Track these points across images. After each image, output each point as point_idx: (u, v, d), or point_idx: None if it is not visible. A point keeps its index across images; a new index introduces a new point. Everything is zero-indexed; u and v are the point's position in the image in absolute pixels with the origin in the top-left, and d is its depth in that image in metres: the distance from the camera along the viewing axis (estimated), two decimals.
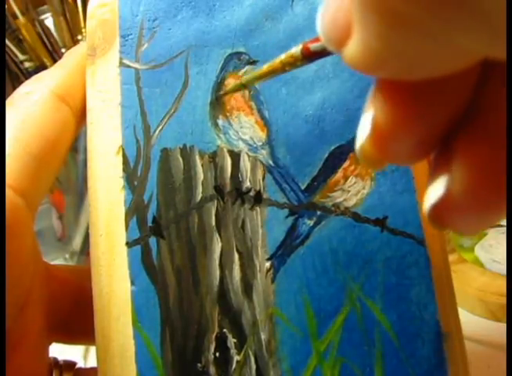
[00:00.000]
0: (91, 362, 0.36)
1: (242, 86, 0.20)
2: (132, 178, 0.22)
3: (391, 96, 0.13)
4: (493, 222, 0.14)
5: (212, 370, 0.20)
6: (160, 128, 0.22)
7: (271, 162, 0.22)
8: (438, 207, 0.14)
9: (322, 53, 0.14)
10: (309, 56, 0.15)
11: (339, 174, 0.22)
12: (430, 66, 0.11)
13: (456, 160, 0.13)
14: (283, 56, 0.16)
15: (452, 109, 0.13)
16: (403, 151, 0.14)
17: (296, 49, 0.15)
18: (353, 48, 0.12)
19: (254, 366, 0.20)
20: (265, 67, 0.17)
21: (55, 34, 0.52)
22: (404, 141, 0.14)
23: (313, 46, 0.15)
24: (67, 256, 0.51)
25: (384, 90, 0.13)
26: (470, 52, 0.11)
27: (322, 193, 0.22)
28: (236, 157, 0.22)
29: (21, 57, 0.51)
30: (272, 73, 0.17)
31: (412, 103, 0.13)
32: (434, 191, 0.14)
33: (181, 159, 0.22)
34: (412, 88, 0.13)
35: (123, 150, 0.22)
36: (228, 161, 0.22)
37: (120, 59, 0.23)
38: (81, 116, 0.23)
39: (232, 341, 0.21)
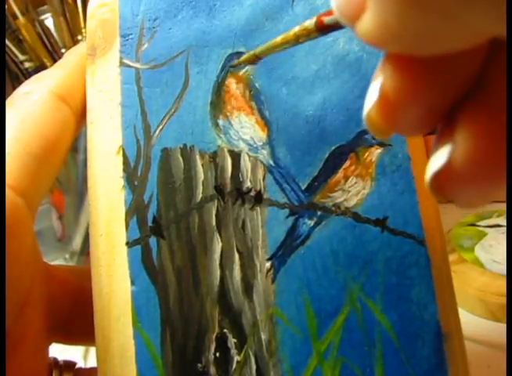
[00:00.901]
0: (91, 362, 0.36)
1: (255, 56, 0.20)
2: (132, 178, 0.22)
3: (400, 65, 0.13)
4: (493, 197, 0.14)
5: (212, 370, 0.20)
6: (161, 127, 0.22)
7: (271, 162, 0.22)
8: (440, 176, 0.14)
9: (335, 26, 0.14)
10: (323, 29, 0.15)
11: (339, 174, 0.22)
12: (442, 43, 0.12)
13: (460, 130, 0.13)
14: (296, 29, 0.16)
15: (459, 81, 0.13)
16: (408, 121, 0.14)
17: (310, 22, 0.15)
18: (367, 22, 0.12)
19: (254, 367, 0.20)
20: (278, 39, 0.17)
21: (55, 34, 0.52)
22: (410, 111, 0.14)
23: (327, 19, 0.15)
24: (67, 256, 0.51)
25: (394, 58, 0.13)
26: (482, 31, 0.11)
27: (322, 194, 0.22)
28: (236, 157, 0.22)
29: (21, 57, 0.51)
30: (286, 44, 0.17)
31: (421, 73, 0.13)
32: (437, 160, 0.14)
33: (181, 159, 0.22)
34: (422, 59, 0.13)
35: (123, 149, 0.22)
36: (229, 161, 0.22)
37: (121, 58, 0.23)
38: (81, 116, 0.23)
39: (232, 341, 0.21)
